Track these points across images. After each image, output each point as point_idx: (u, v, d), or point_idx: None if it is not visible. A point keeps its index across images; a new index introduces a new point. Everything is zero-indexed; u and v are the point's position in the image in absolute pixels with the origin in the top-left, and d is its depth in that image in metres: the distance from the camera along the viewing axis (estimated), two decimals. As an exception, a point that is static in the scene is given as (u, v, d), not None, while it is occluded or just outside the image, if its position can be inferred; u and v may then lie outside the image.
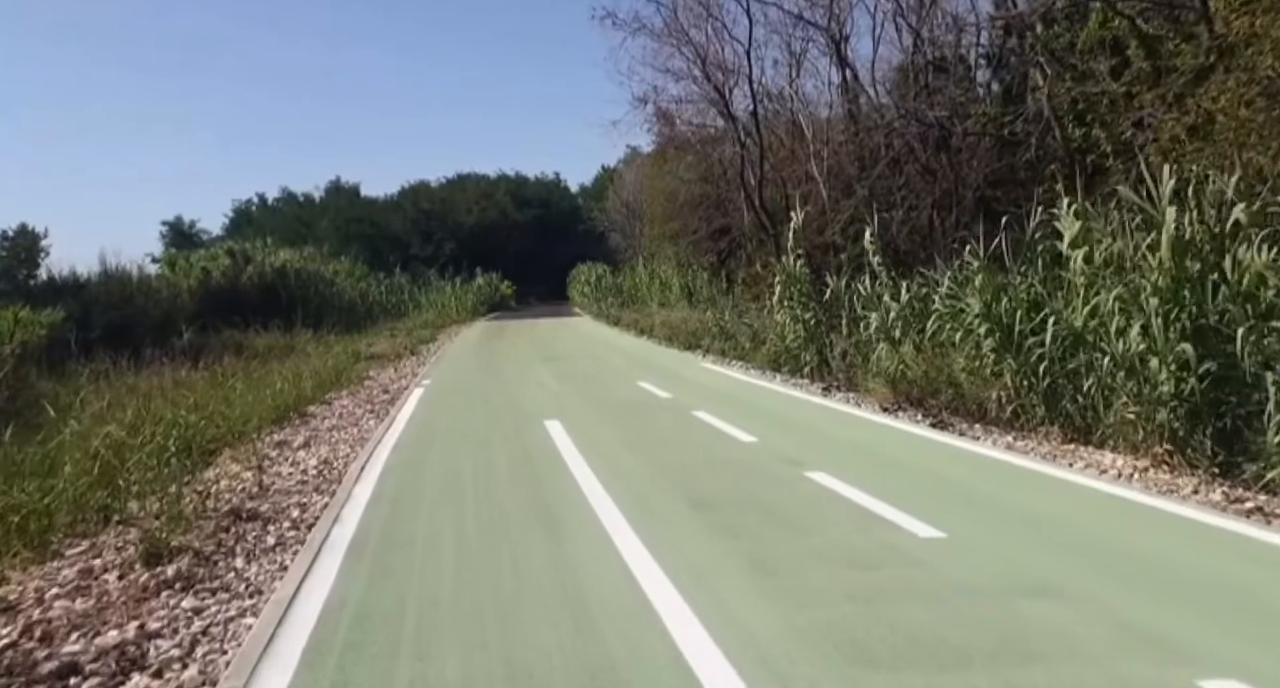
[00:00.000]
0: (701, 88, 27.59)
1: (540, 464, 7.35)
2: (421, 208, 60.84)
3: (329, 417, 11.41)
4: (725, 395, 11.34)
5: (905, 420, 8.66)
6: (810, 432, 8.52)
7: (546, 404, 11.19)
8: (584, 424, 9.30)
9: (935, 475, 6.44)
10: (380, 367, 18.71)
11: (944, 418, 8.38)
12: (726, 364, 15.15)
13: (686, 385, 12.50)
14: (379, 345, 24.53)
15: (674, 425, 9.07)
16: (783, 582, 4.26)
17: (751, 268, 28.21)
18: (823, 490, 5.99)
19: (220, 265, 34.10)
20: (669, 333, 21.14)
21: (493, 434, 9.04)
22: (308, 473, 7.71)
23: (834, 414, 9.38)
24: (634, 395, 11.69)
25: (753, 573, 4.39)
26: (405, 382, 15.10)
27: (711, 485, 6.28)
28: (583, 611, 4.00)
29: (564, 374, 14.70)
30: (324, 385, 15.04)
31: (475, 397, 12.40)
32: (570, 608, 4.04)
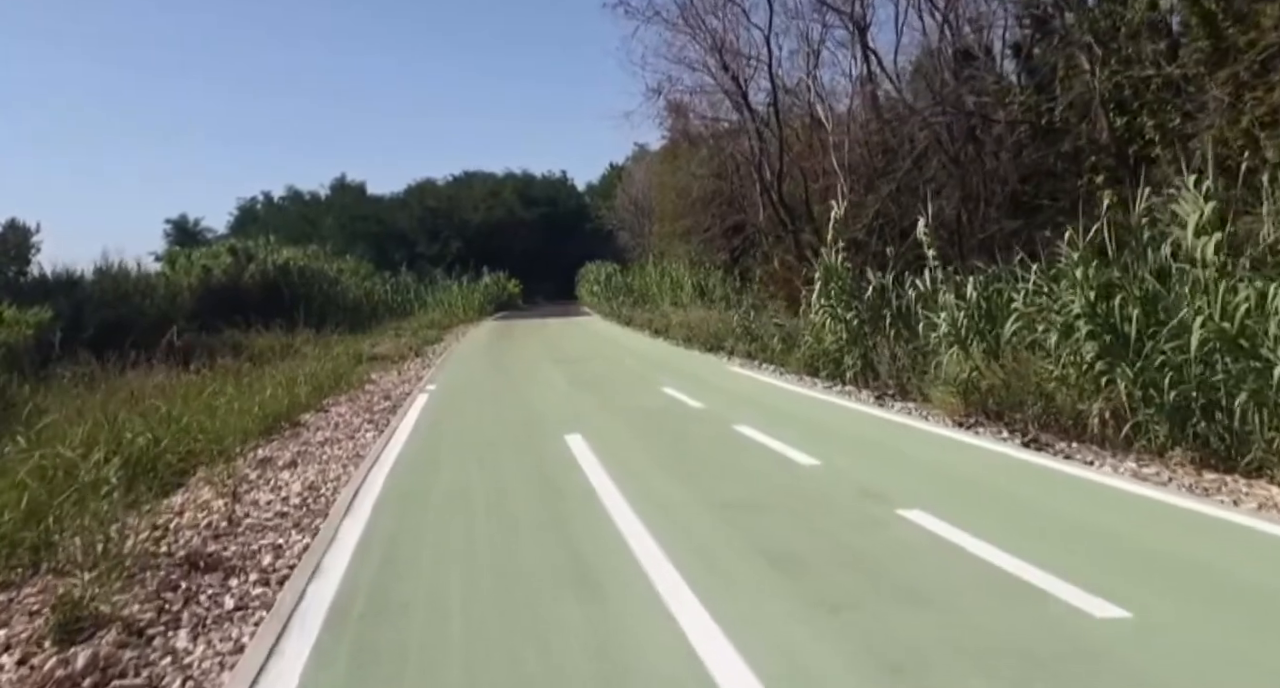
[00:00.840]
0: (717, 78, 26.31)
1: (566, 496, 6.05)
2: (428, 206, 59.58)
3: (323, 428, 10.14)
4: (765, 405, 10.03)
5: (989, 438, 7.34)
6: (880, 452, 7.20)
7: (564, 414, 9.91)
8: (610, 440, 8.01)
9: (1065, 517, 5.11)
10: (383, 369, 17.45)
11: (1036, 436, 7.06)
12: (756, 368, 13.84)
13: (718, 392, 11.19)
14: (383, 346, 23.28)
15: (716, 443, 7.76)
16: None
17: (769, 266, 26.92)
18: (932, 539, 4.68)
19: (222, 263, 32.90)
20: (687, 333, 19.85)
21: (505, 453, 7.75)
22: (289, 501, 6.43)
23: (900, 430, 8.06)
24: (661, 404, 10.39)
25: (892, 683, 3.09)
26: (409, 387, 13.83)
27: (787, 531, 4.97)
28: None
29: (580, 379, 13.41)
30: (321, 390, 13.79)
31: (485, 405, 11.11)
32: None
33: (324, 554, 4.98)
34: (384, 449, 8.21)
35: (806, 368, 12.64)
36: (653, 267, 35.22)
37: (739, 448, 7.48)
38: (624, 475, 6.43)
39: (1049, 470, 6.13)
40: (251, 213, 59.58)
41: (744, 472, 6.54)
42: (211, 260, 33.11)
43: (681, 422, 9.00)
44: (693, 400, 10.41)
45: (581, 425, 8.88)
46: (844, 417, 8.97)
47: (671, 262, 33.71)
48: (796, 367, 12.95)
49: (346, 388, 14.37)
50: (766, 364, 14.08)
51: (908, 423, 8.32)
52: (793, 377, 12.49)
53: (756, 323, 16.18)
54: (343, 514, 5.87)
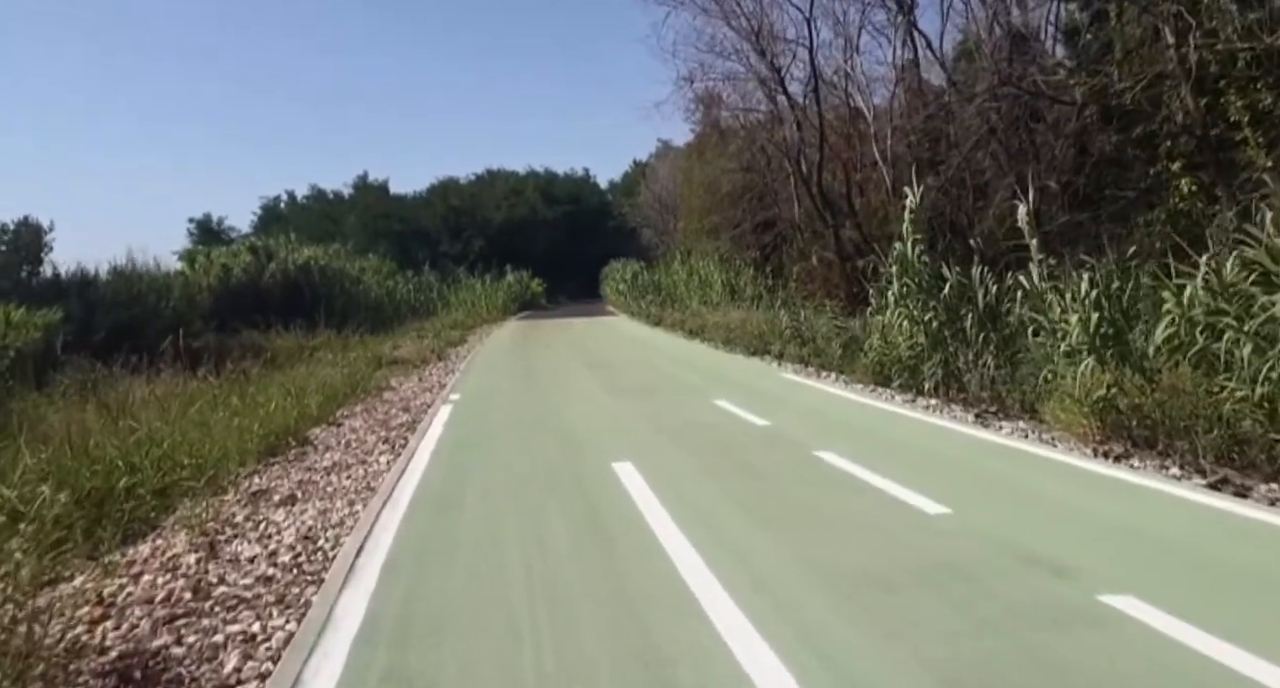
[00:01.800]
0: (752, 64, 24.74)
1: (629, 560, 4.58)
2: (451, 204, 58.41)
3: (332, 448, 8.77)
4: (842, 423, 8.53)
5: (1153, 474, 5.79)
6: (1020, 495, 5.60)
7: (607, 433, 8.47)
8: (668, 472, 6.56)
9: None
10: (403, 374, 16.13)
11: (1225, 476, 5.49)
12: (813, 375, 12.33)
13: (780, 406, 9.70)
14: (404, 348, 22.00)
15: (802, 477, 6.28)
16: None
17: (806, 263, 25.38)
18: (1189, 658, 3.18)
19: (242, 262, 31.84)
20: (726, 335, 18.35)
21: (544, 490, 6.31)
22: (278, 558, 5.03)
23: (1029, 461, 6.50)
24: (718, 421, 8.91)
25: None
26: (430, 396, 12.46)
27: (954, 631, 3.48)
28: None
29: (618, 387, 11.96)
30: (336, 399, 12.48)
31: (515, 421, 9.68)
32: None
33: (309, 653, 3.57)
34: (399, 480, 6.81)
35: (875, 377, 11.13)
36: (679, 264, 33.76)
37: (833, 485, 5.99)
38: (698, 528, 4.96)
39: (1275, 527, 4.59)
40: (275, 212, 58.73)
41: (853, 522, 5.06)
42: (231, 259, 32.07)
43: (750, 445, 7.52)
44: (754, 416, 8.93)
45: (630, 449, 7.44)
46: (947, 441, 7.44)
47: (699, 259, 32.26)
48: (862, 375, 11.44)
49: (363, 396, 13.06)
50: (824, 371, 12.57)
51: (1033, 451, 6.76)
52: (860, 387, 10.98)
53: (807, 325, 14.66)
54: (342, 581, 4.46)
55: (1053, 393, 7.52)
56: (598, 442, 8.01)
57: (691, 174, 37.00)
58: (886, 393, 10.34)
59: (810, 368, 12.99)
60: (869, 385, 10.97)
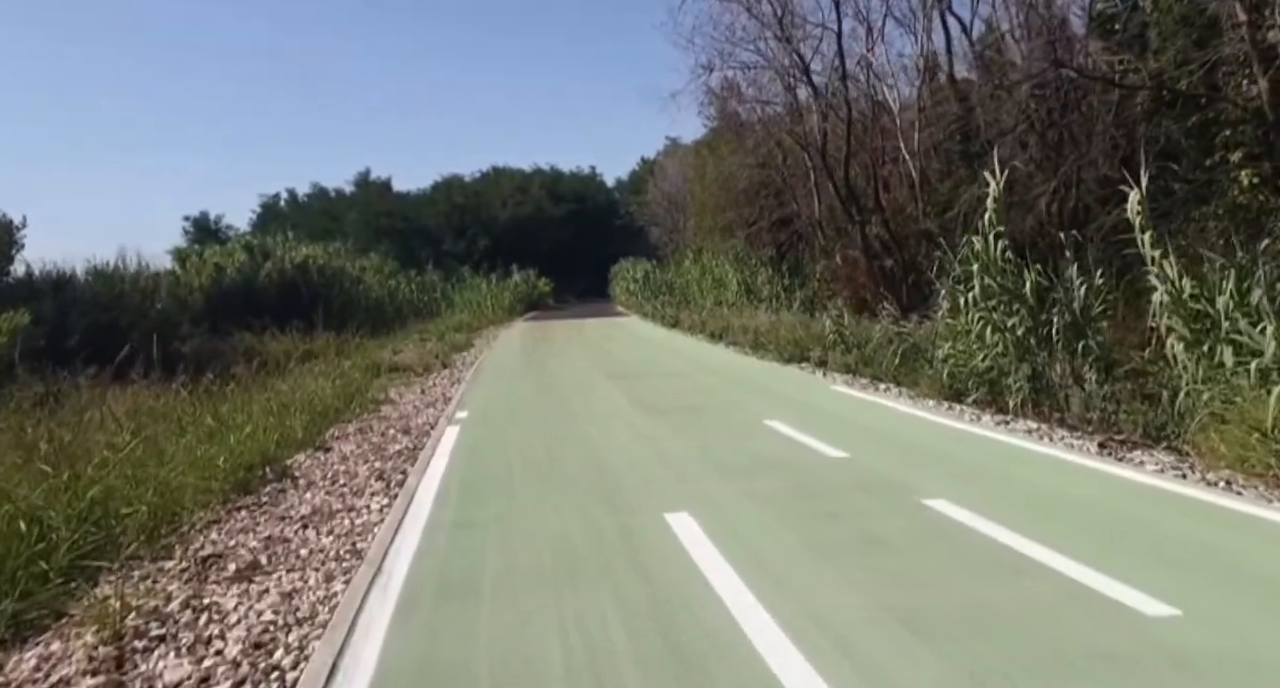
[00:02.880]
0: (774, 52, 23.10)
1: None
2: (455, 202, 56.84)
3: (316, 483, 7.19)
4: (937, 455, 6.90)
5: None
6: (1258, 585, 4.03)
7: (650, 467, 6.88)
8: (742, 531, 4.96)
9: None
10: (404, 384, 14.55)
11: None
12: (868, 388, 10.72)
13: (848, 429, 8.09)
14: (405, 353, 20.45)
15: (926, 543, 4.67)
16: None
17: (830, 261, 23.79)
18: None
19: (236, 261, 30.26)
20: (754, 339, 16.77)
21: (585, 563, 4.71)
22: (213, 684, 3.45)
23: (1240, 522, 4.87)
24: (782, 451, 7.30)
25: None
26: (433, 412, 10.87)
27: None
28: None
29: (650, 403, 10.34)
30: (327, 415, 10.92)
31: (535, 449, 8.05)
32: None
33: None
34: (394, 539, 5.22)
35: (946, 392, 9.54)
36: (691, 263, 32.21)
37: (975, 558, 4.38)
38: (834, 655, 3.36)
39: None
40: (275, 210, 57.17)
41: (1049, 631, 3.44)
42: (225, 259, 30.48)
43: (837, 490, 5.92)
44: (822, 443, 7.33)
45: (684, 493, 5.86)
46: (1085, 483, 5.80)
47: (711, 258, 30.71)
48: (927, 388, 9.84)
49: (358, 411, 11.49)
50: (877, 382, 10.97)
51: (1229, 506, 5.12)
52: (930, 403, 9.38)
53: (851, 329, 13.06)
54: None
55: (1213, 420, 5.91)
56: (642, 480, 6.42)
57: (703, 171, 35.45)
58: (967, 411, 8.74)
59: (862, 379, 11.39)
60: (939, 401, 9.37)
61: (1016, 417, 8.29)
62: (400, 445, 8.64)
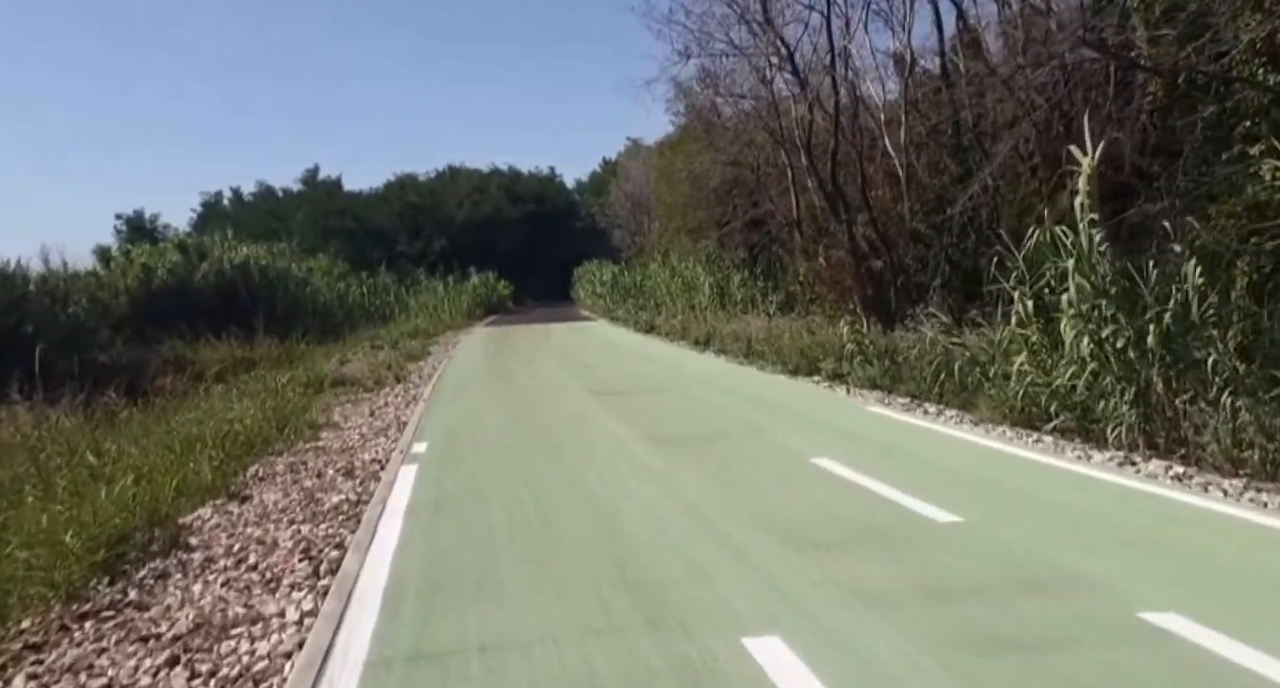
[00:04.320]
0: (756, 36, 21.24)
1: None
2: (409, 201, 53.99)
3: (213, 563, 5.00)
4: (1098, 523, 4.91)
5: None
6: None
7: (691, 541, 4.83)
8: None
9: None
10: (351, 401, 12.29)
11: None
12: (912, 410, 8.84)
13: (929, 473, 6.17)
14: (354, 363, 18.05)
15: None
16: None
17: (812, 263, 22.08)
18: None
19: (168, 261, 27.35)
20: (747, 348, 14.88)
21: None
22: None
23: None
24: (861, 509, 5.32)
25: None
26: (385, 443, 8.67)
27: None
28: None
29: (654, 430, 8.27)
30: (252, 446, 8.69)
31: (520, 508, 5.90)
32: None
33: None
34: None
35: (1017, 416, 7.72)
36: (659, 266, 30.33)
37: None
38: None
39: None
40: (217, 209, 53.59)
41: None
42: (155, 259, 27.53)
43: (980, 585, 3.97)
44: (910, 496, 5.39)
45: (754, 590, 3.88)
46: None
47: (680, 260, 28.91)
48: (989, 411, 8.02)
49: (294, 439, 9.25)
50: (919, 402, 9.13)
51: None
52: (999, 430, 7.54)
53: (873, 337, 11.23)
54: None
55: None
56: (684, 564, 4.39)
57: (669, 170, 33.64)
58: (1061, 445, 6.91)
59: (898, 398, 9.53)
60: (1010, 428, 7.55)
61: (1130, 452, 6.49)
62: (339, 496, 6.47)
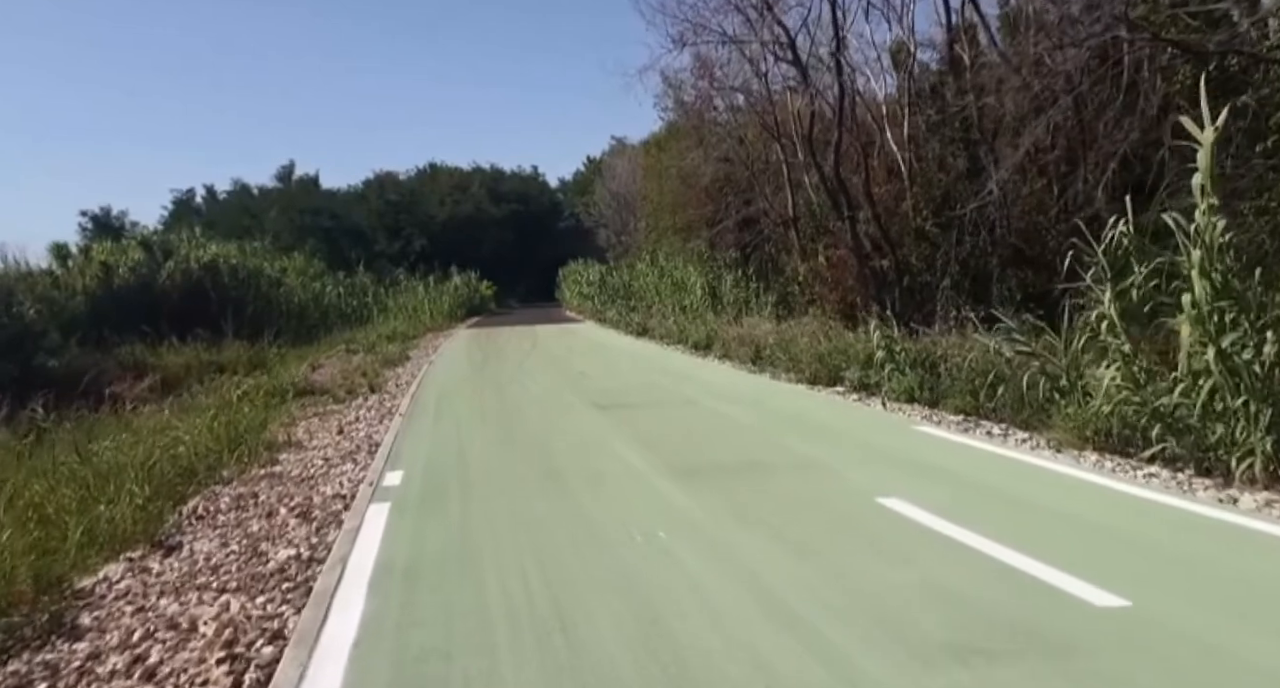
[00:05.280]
0: (753, 22, 19.95)
1: None
2: (388, 200, 52.19)
3: (100, 661, 3.59)
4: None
5: None
6: None
7: (771, 650, 3.51)
8: None
9: None
10: (319, 414, 10.85)
11: None
12: (969, 429, 7.57)
13: (1035, 521, 4.86)
14: (326, 369, 16.56)
15: None
16: None
17: (812, 263, 20.85)
18: None
19: (130, 260, 25.58)
20: (754, 353, 13.60)
21: None
22: None
23: None
24: (971, 582, 3.97)
25: None
26: (353, 470, 7.24)
27: None
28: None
29: (675, 457, 6.89)
30: (194, 473, 7.27)
31: (522, 578, 4.50)
32: None
33: None
34: None
35: (1099, 439, 6.47)
36: (647, 266, 29.03)
37: None
38: None
39: None
40: (189, 206, 51.48)
41: None
42: (117, 256, 25.76)
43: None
44: (1043, 565, 4.04)
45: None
46: None
47: (669, 260, 27.67)
48: (1065, 431, 6.77)
49: (249, 461, 7.81)
50: (976, 420, 7.86)
51: None
52: (1089, 457, 6.28)
53: (901, 343, 9.96)
54: None
55: None
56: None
57: (656, 168, 32.35)
58: (1171, 477, 5.65)
59: (944, 414, 8.26)
60: (1096, 453, 6.30)
61: (1242, 487, 5.25)
62: (289, 550, 5.06)
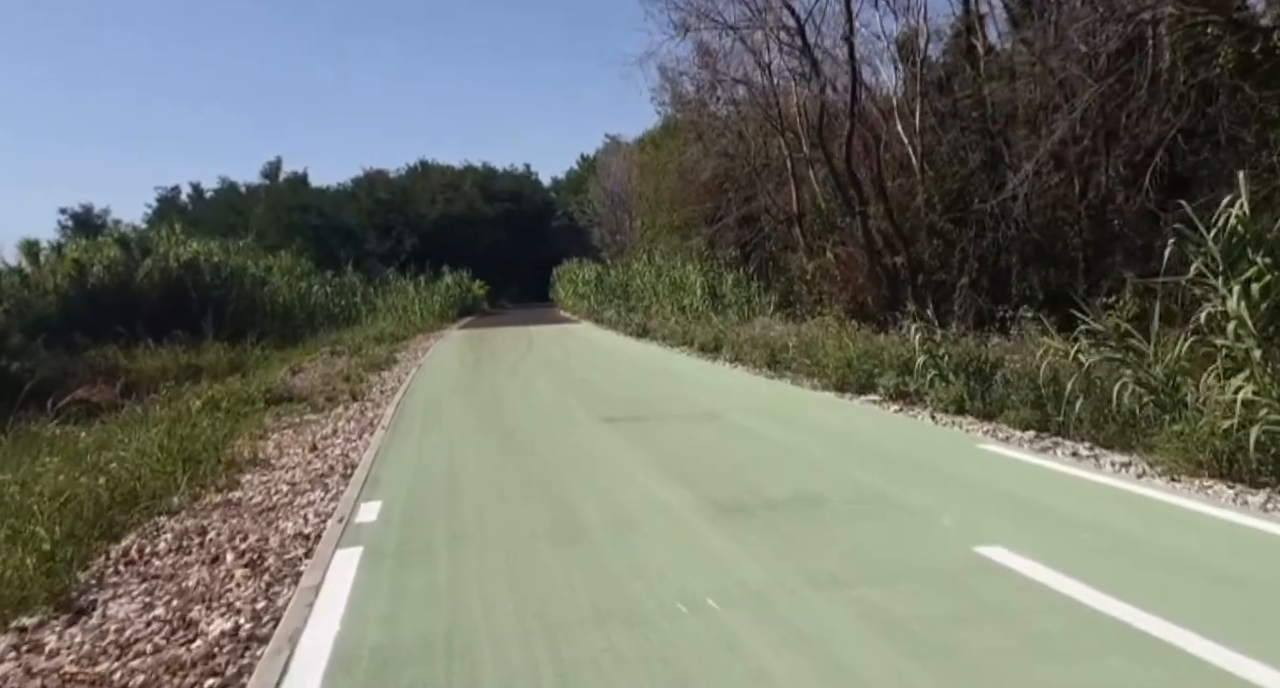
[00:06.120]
0: (760, 14, 18.83)
1: None
2: (378, 198, 50.78)
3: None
4: None
5: None
6: None
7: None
8: None
9: None
10: (292, 427, 9.62)
11: None
12: (1046, 450, 6.42)
13: (1211, 588, 3.73)
14: (308, 373, 15.32)
15: None
16: None
17: (820, 260, 19.72)
18: None
19: (105, 258, 24.18)
20: (769, 357, 12.46)
21: None
22: None
23: None
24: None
25: None
26: (322, 499, 6.03)
27: None
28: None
29: (713, 492, 5.63)
30: (136, 503, 6.06)
31: (535, 672, 3.37)
32: None
33: None
34: None
35: (1219, 465, 5.35)
36: (645, 265, 27.88)
37: None
38: None
39: None
40: (174, 204, 49.92)
41: None
42: (91, 254, 24.34)
43: None
44: (1262, 665, 2.92)
45: None
46: None
47: (666, 259, 26.54)
48: (1174, 456, 5.63)
49: (206, 484, 6.60)
50: (1050, 437, 6.72)
51: None
52: (1209, 486, 5.15)
53: (945, 349, 8.82)
54: None
55: None
56: None
57: (653, 165, 31.20)
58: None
59: (1007, 428, 7.12)
60: (1222, 482, 5.18)
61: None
62: (225, 621, 3.86)
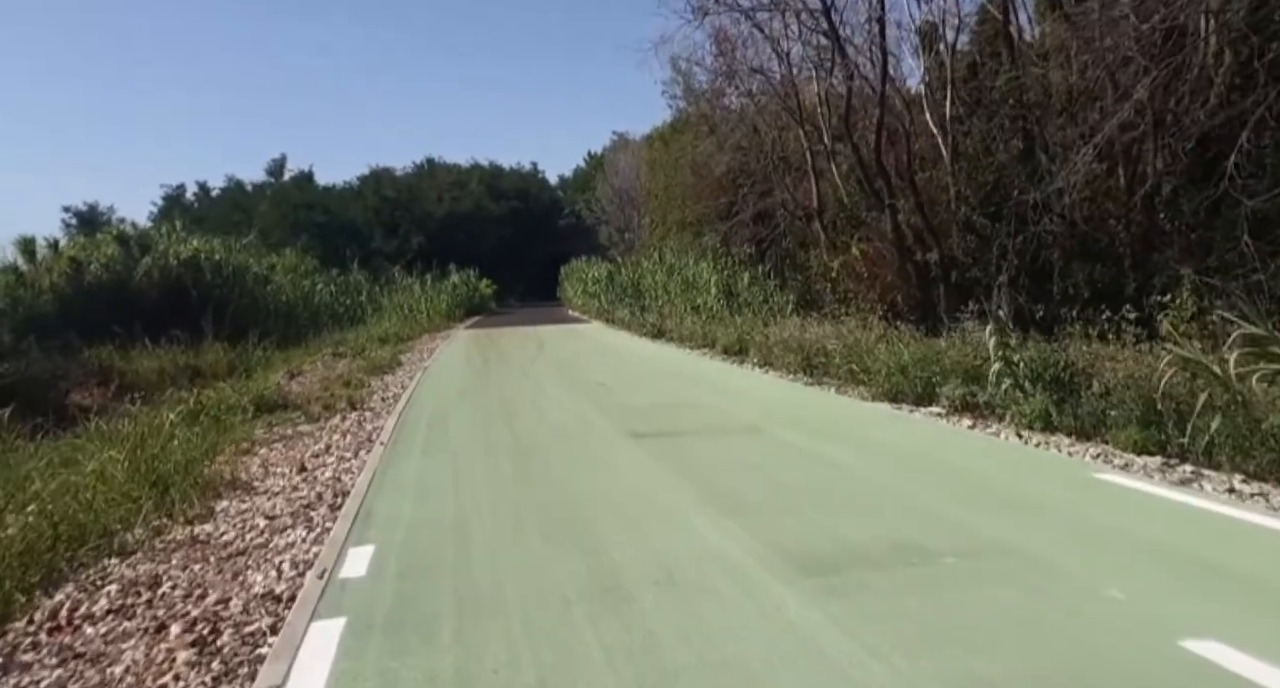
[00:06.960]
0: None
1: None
2: (384, 196, 49.76)
3: None
4: None
5: None
6: None
7: None
8: None
9: None
10: (282, 440, 8.57)
11: None
12: (1169, 477, 5.33)
13: None
14: (307, 376, 14.28)
15: None
16: None
17: (845, 257, 18.57)
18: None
19: (103, 255, 23.21)
20: (803, 361, 11.36)
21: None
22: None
23: None
24: None
25: None
26: (301, 547, 4.97)
27: None
28: None
29: (780, 539, 4.50)
30: (84, 543, 4.99)
31: None
32: None
33: None
34: None
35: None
36: (655, 263, 26.78)
37: None
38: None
39: None
40: (180, 203, 49.00)
41: None
42: (90, 252, 23.37)
43: None
44: None
45: None
46: None
47: (678, 257, 25.44)
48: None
49: (171, 515, 5.55)
50: (1167, 461, 5.62)
51: None
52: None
53: (1021, 354, 7.70)
54: None
55: None
56: None
57: (662, 162, 30.11)
58: None
59: (1121, 452, 6.01)
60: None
61: None
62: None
